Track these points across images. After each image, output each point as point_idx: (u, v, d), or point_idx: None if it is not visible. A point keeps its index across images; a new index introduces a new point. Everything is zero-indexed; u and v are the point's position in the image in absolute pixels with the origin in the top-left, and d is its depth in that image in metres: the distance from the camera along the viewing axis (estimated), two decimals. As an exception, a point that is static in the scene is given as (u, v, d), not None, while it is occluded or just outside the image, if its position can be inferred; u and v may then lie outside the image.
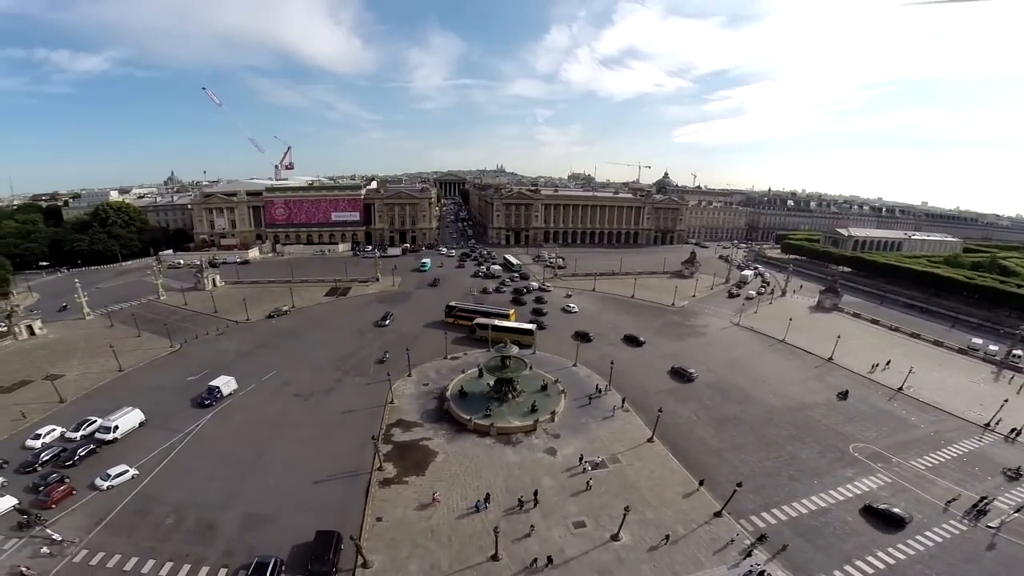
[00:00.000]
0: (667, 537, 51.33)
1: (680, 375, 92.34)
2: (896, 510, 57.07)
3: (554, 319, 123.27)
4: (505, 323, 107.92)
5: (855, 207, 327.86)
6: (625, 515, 50.75)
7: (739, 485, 55.69)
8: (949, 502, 59.77)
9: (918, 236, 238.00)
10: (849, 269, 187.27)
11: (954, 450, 71.81)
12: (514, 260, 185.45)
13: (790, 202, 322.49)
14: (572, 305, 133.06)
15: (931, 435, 75.46)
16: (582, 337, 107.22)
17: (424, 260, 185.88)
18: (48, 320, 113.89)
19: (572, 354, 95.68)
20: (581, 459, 64.30)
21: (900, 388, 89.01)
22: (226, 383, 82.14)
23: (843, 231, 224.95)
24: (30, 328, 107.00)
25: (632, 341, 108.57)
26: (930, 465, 67.91)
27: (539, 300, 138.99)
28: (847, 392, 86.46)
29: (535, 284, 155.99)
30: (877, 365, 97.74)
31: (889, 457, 69.09)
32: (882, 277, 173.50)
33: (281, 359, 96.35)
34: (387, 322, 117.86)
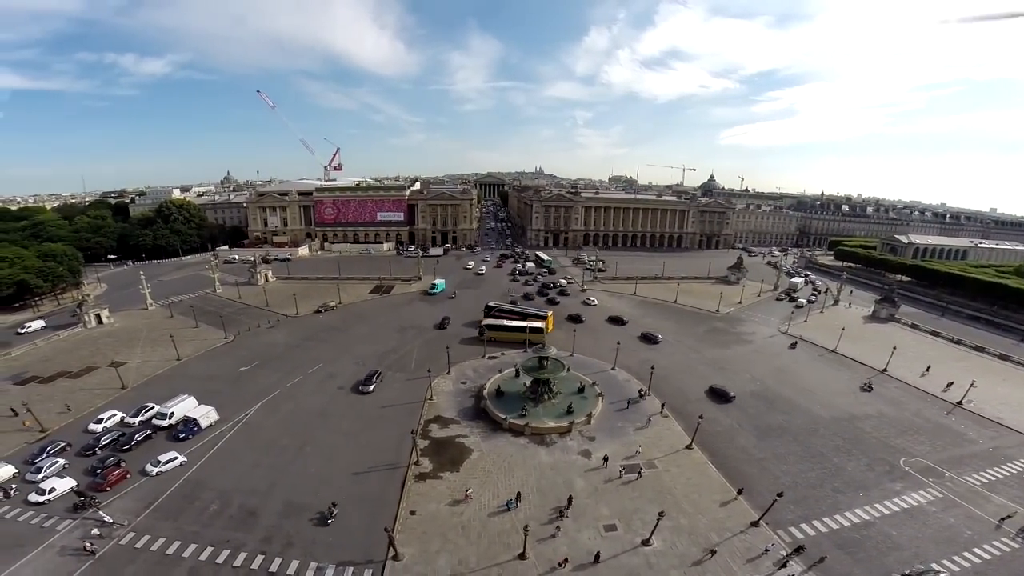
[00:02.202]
0: (712, 552, 50.17)
1: (647, 339, 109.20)
2: (727, 390, 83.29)
3: (570, 310, 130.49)
4: (516, 323, 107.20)
5: (916, 213, 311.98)
6: (659, 520, 50.08)
7: (780, 495, 54.08)
8: (1003, 519, 56.73)
9: (985, 244, 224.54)
10: (908, 278, 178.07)
11: (1014, 466, 67.83)
12: (544, 256, 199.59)
13: (845, 207, 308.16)
14: (592, 299, 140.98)
15: (990, 451, 71.50)
16: (574, 319, 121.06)
17: (435, 281, 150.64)
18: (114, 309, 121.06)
19: (611, 357, 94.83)
20: (606, 460, 64.01)
21: (959, 402, 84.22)
22: (205, 414, 71.88)
23: (902, 238, 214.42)
24: (98, 317, 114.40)
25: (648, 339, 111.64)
26: (986, 481, 64.43)
27: (561, 293, 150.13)
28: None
29: (563, 281, 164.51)
30: (945, 384, 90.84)
31: (942, 472, 65.79)
32: (944, 287, 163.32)
33: (327, 352, 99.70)
34: (371, 387, 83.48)
